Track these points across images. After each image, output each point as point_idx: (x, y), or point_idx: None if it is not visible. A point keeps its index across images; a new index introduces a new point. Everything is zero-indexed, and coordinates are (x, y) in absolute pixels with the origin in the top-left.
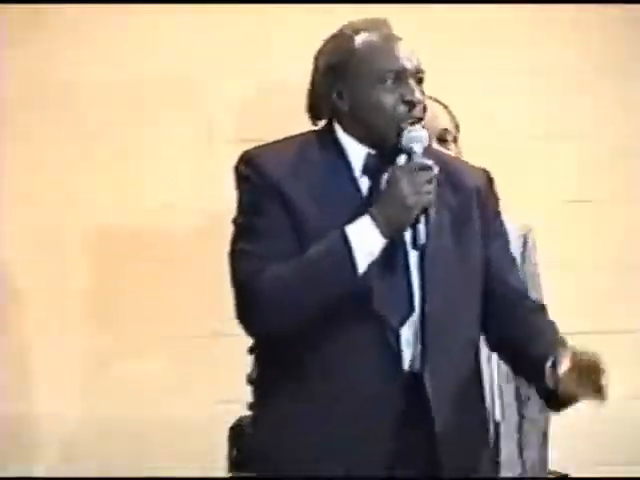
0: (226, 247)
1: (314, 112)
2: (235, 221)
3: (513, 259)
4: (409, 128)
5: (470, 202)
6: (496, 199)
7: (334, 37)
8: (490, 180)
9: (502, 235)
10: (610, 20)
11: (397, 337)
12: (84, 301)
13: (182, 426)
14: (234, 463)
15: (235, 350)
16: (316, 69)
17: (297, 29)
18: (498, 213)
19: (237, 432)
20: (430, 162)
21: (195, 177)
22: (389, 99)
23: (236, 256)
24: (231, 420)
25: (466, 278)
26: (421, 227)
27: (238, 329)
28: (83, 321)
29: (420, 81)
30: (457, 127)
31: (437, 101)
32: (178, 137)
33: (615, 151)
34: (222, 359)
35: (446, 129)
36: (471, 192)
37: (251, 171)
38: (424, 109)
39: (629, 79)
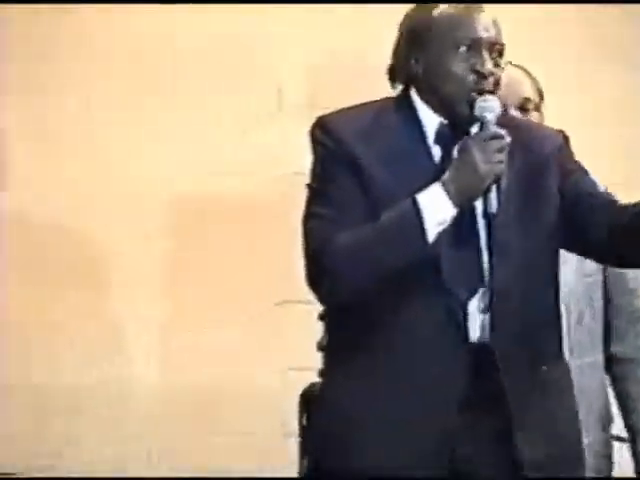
0: (296, 213)
1: (392, 75)
2: (309, 186)
3: (594, 182)
4: (481, 97)
5: (545, 167)
6: (571, 154)
7: (419, 4)
8: (566, 139)
9: (579, 170)
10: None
11: (464, 309)
12: (161, 270)
13: (254, 393)
14: (305, 430)
15: (307, 317)
16: (400, 33)
17: None
18: (573, 160)
19: (308, 399)
20: (502, 131)
21: (264, 143)
22: (460, 67)
23: (308, 221)
24: (302, 387)
25: (539, 248)
26: (492, 196)
27: (309, 296)
28: (159, 290)
29: (499, 54)
30: (541, 95)
31: (520, 68)
32: (247, 104)
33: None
34: (294, 326)
35: (528, 98)
36: (547, 156)
37: (326, 137)
38: (497, 81)
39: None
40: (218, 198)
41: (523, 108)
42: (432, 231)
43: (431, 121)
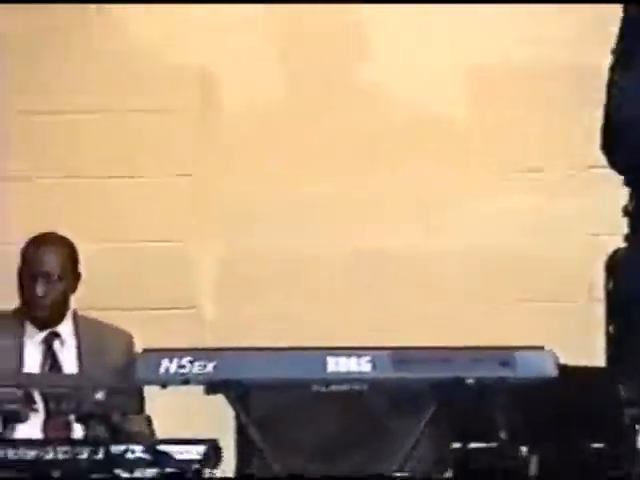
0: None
1: None
2: (614, 52)
3: None
4: None
5: None
6: None
7: None
8: None
9: None
10: None
11: None
12: (468, 136)
13: (560, 259)
14: (610, 295)
15: (612, 182)
16: None
17: None
18: None
19: (613, 264)
20: None
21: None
22: None
23: (611, 88)
24: (608, 252)
25: None
26: None
27: None
28: (468, 154)
29: None
30: None
31: None
32: None
33: None
34: (599, 191)
35: None
36: None
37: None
38: None
39: None
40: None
41: None
42: None
43: None
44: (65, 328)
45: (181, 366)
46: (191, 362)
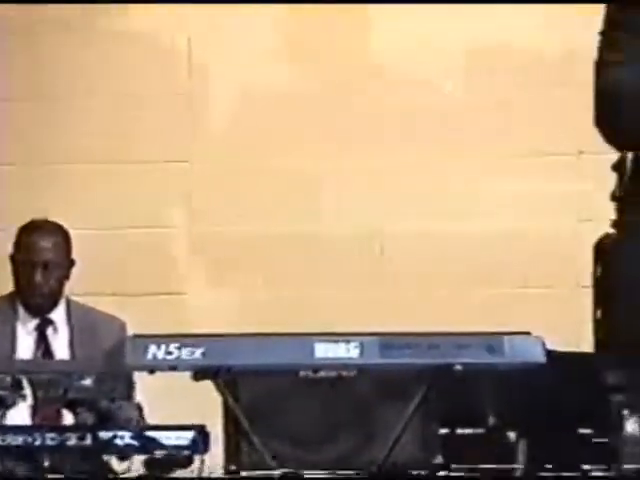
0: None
1: None
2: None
3: None
4: None
5: None
6: None
7: None
8: None
9: None
10: None
11: None
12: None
13: (547, 243)
14: (598, 281)
15: (601, 168)
16: None
17: None
18: None
19: (601, 249)
20: None
21: None
22: None
23: (599, 67)
24: (595, 238)
25: None
26: None
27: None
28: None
29: None
30: None
31: None
32: None
33: None
34: (587, 176)
35: None
36: None
37: None
38: None
39: None
40: None
41: None
42: None
43: None
44: (58, 315)
45: (169, 352)
46: (179, 348)
